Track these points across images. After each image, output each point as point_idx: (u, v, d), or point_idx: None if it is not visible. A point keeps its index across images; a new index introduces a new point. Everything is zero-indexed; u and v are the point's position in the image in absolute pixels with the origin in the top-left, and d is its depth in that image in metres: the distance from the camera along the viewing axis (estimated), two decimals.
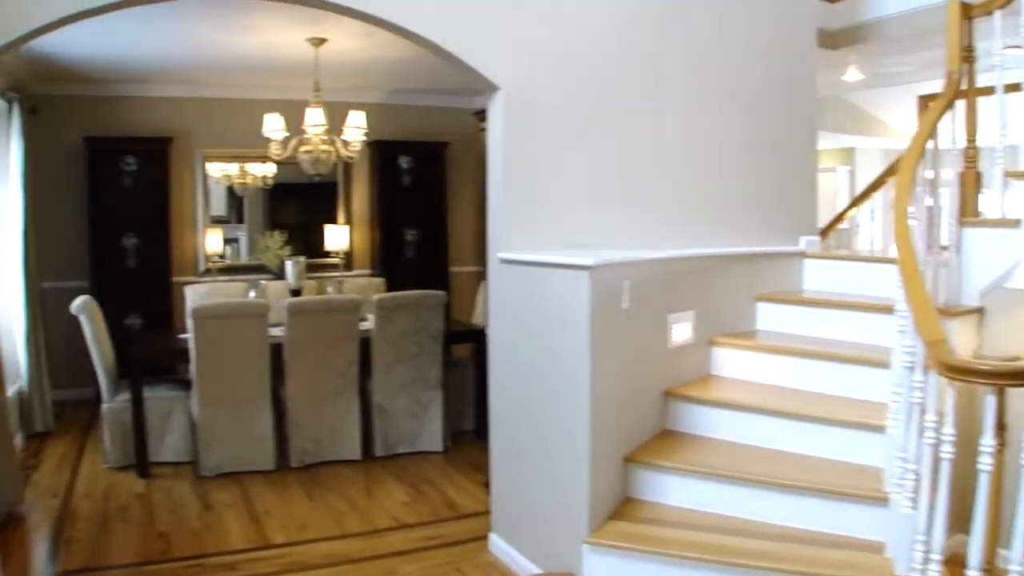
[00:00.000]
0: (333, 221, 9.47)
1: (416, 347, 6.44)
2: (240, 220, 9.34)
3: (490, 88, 4.53)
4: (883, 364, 3.89)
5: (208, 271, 8.97)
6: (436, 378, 6.59)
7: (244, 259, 9.26)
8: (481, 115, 5.29)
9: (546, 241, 4.54)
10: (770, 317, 5.03)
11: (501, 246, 4.53)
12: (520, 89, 4.48)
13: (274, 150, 6.77)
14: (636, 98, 4.79)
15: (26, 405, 7.22)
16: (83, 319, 6.16)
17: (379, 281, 8.10)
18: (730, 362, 4.74)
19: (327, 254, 9.19)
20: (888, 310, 3.87)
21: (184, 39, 6.83)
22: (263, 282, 6.79)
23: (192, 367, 5.96)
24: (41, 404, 7.33)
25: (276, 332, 6.17)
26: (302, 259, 6.86)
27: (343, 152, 6.92)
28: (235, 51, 7.19)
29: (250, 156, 8.98)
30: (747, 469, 3.96)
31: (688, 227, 4.96)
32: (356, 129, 6.81)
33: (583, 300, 3.87)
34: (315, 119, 6.62)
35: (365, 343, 6.37)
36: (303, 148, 6.84)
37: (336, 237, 9.16)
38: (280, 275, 8.65)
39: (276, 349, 6.15)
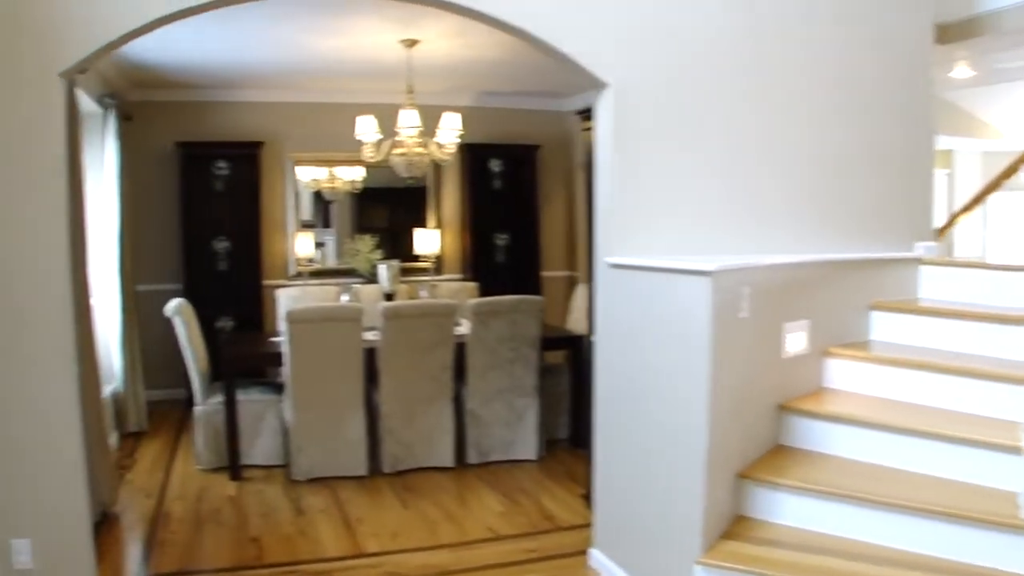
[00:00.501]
0: (421, 225, 9.37)
1: (511, 353, 6.28)
2: (327, 224, 9.29)
3: (598, 86, 4.35)
4: (1017, 380, 3.61)
5: (298, 275, 8.94)
6: (531, 385, 6.42)
7: (333, 263, 9.19)
8: (585, 114, 5.08)
9: (652, 245, 4.34)
10: (885, 327, 4.71)
11: (610, 250, 4.34)
12: (628, 87, 4.29)
13: (367, 153, 6.67)
14: (745, 97, 4.54)
15: (121, 405, 7.25)
16: (177, 322, 6.13)
17: (472, 285, 7.98)
18: (845, 374, 4.43)
19: (417, 258, 9.09)
20: (1019, 321, 3.58)
21: (276, 43, 6.78)
22: (355, 286, 6.69)
23: (285, 370, 5.89)
24: (135, 404, 7.35)
25: (370, 336, 6.06)
26: (395, 263, 6.74)
27: (437, 155, 6.79)
28: (327, 54, 7.12)
29: (340, 160, 8.96)
30: (867, 489, 3.68)
31: (798, 231, 4.69)
32: (451, 131, 6.66)
33: (703, 308, 3.63)
34: (409, 121, 6.49)
35: (459, 349, 6.23)
36: (396, 151, 6.73)
37: (427, 241, 9.06)
38: (370, 279, 8.59)
39: (369, 354, 6.04)
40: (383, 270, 6.70)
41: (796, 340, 4.26)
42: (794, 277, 4.25)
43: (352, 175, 9.08)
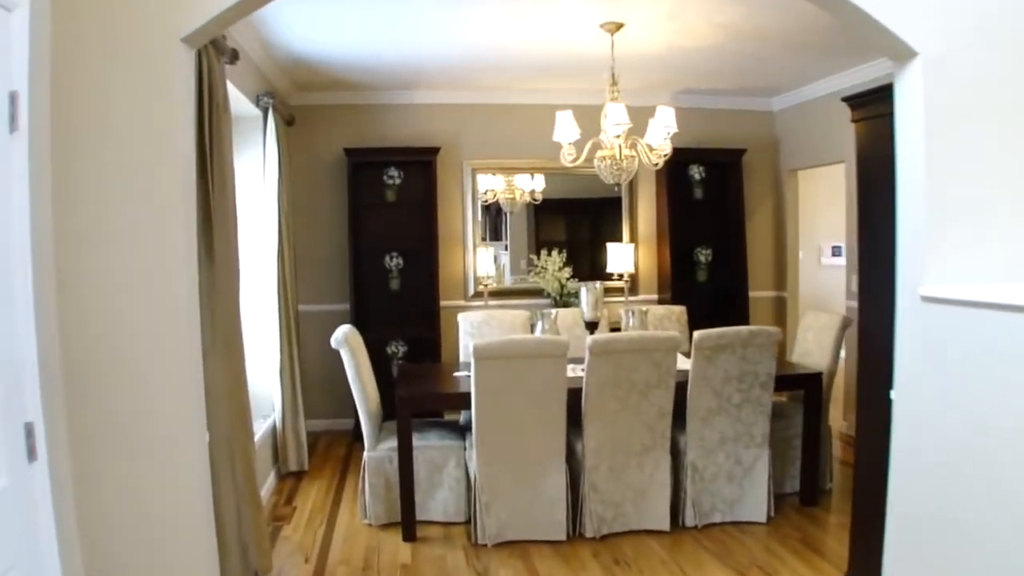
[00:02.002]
0: (605, 239, 8.33)
1: (740, 395, 5.14)
2: (497, 238, 8.31)
3: (900, 55, 3.21)
4: None
5: (478, 294, 8.01)
6: (762, 433, 5.26)
7: (508, 281, 8.22)
8: (855, 101, 3.94)
9: (982, 269, 3.14)
10: None
11: (921, 276, 3.16)
12: (947, 54, 3.12)
13: (565, 156, 5.60)
14: None
15: (280, 442, 6.42)
16: (344, 353, 5.23)
17: (680, 310, 6.79)
18: None
19: (607, 276, 8.02)
20: None
21: (454, 35, 5.98)
22: (550, 312, 5.63)
23: (472, 414, 4.89)
24: (295, 441, 6.53)
25: (571, 374, 5.02)
26: (598, 285, 5.64)
27: (647, 157, 5.70)
28: (513, 47, 6.26)
29: (522, 168, 8.02)
30: None
31: None
32: (664, 128, 5.53)
33: None
34: (616, 116, 5.39)
35: (677, 390, 5.11)
36: (600, 153, 5.66)
37: (620, 257, 7.96)
38: (558, 300, 7.63)
39: (572, 395, 4.98)
40: (584, 293, 5.61)
41: None
42: None
43: (531, 185, 8.11)
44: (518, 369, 4.76)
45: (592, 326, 5.63)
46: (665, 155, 5.60)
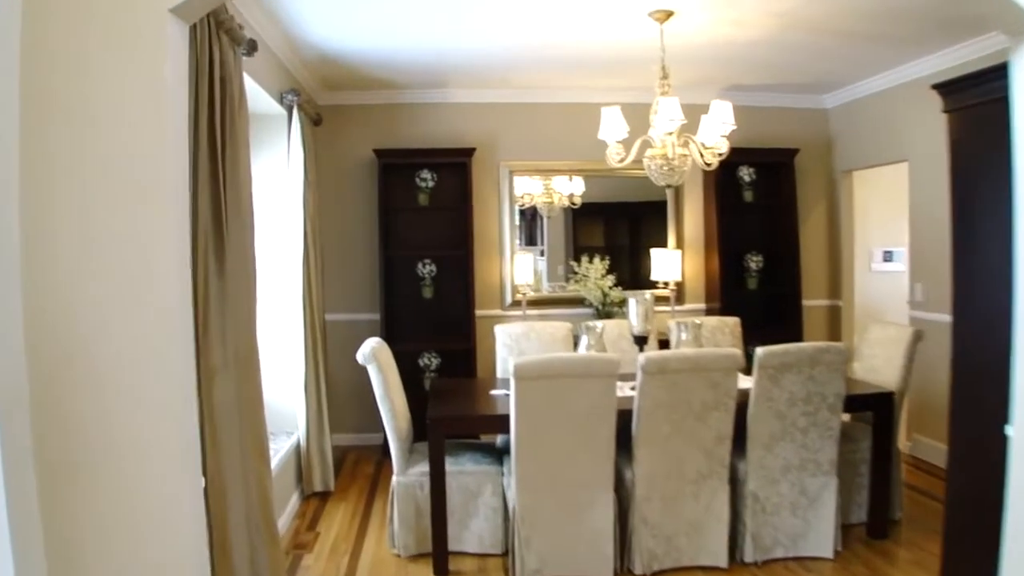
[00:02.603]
0: (645, 245, 7.87)
1: (805, 419, 4.67)
2: (532, 244, 7.85)
3: (1021, 28, 2.75)
4: None
5: (515, 304, 7.57)
6: (829, 459, 4.78)
7: (545, 289, 7.77)
8: (947, 88, 3.49)
9: None
10: None
11: None
12: None
13: (612, 156, 5.14)
14: None
15: (304, 461, 6.01)
16: (372, 370, 4.80)
17: (733, 322, 6.27)
18: None
19: (651, 284, 7.55)
20: None
21: (492, 29, 5.59)
22: (595, 324, 5.14)
23: (511, 438, 4.44)
24: (321, 460, 6.11)
25: (619, 393, 4.56)
26: (648, 296, 5.15)
27: (700, 157, 5.23)
28: (555, 41, 5.86)
29: (561, 169, 7.66)
30: None
31: None
32: (721, 125, 5.05)
33: None
34: (670, 111, 4.91)
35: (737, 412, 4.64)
36: (650, 152, 5.19)
37: (666, 264, 7.48)
38: (600, 310, 7.19)
39: (621, 417, 4.51)
40: (633, 305, 5.10)
41: None
42: None
43: (569, 187, 7.68)
44: (563, 390, 4.30)
45: (641, 340, 5.15)
46: (721, 154, 5.13)
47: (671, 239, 7.83)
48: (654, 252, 7.56)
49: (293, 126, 5.86)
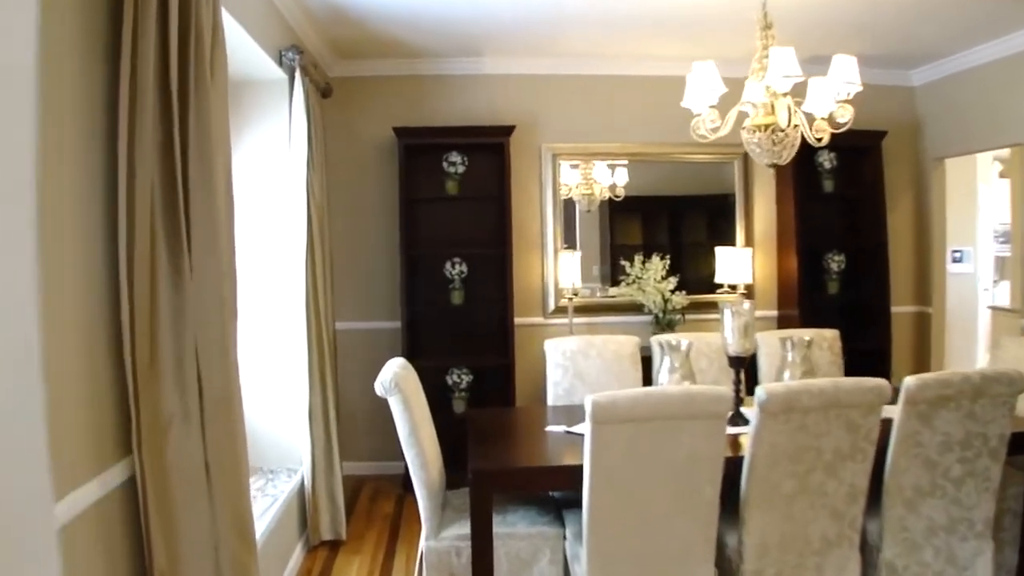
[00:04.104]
0: (702, 242, 6.84)
1: (961, 467, 3.57)
2: (567, 241, 6.74)
3: None
4: None
5: (560, 310, 6.49)
6: (984, 519, 3.68)
7: (586, 293, 6.68)
8: None
9: None
10: None
11: None
12: None
13: (706, 124, 4.00)
14: None
15: (309, 504, 4.95)
16: (394, 403, 3.69)
17: (832, 335, 5.00)
18: None
19: (715, 287, 6.46)
20: None
21: None
22: (681, 342, 3.98)
23: (584, 498, 3.31)
24: (330, 502, 5.06)
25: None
26: (745, 305, 4.01)
27: (813, 131, 4.14)
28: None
29: (617, 152, 6.65)
30: None
31: None
32: (847, 85, 3.93)
33: None
34: (785, 64, 3.73)
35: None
36: (752, 121, 4.08)
37: (734, 265, 6.37)
38: (660, 318, 6.14)
39: (727, 468, 3.41)
40: (728, 317, 3.93)
41: None
42: None
43: (610, 178, 6.67)
44: (657, 434, 3.19)
45: (739, 362, 4.03)
46: (845, 123, 4.06)
47: (740, 236, 6.72)
48: (719, 251, 6.46)
49: (296, 94, 4.79)
